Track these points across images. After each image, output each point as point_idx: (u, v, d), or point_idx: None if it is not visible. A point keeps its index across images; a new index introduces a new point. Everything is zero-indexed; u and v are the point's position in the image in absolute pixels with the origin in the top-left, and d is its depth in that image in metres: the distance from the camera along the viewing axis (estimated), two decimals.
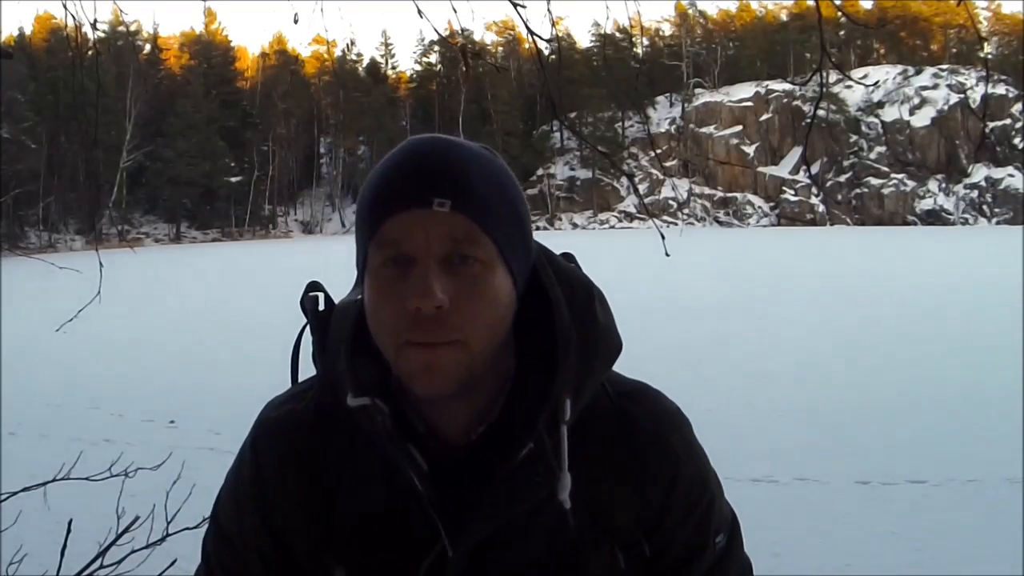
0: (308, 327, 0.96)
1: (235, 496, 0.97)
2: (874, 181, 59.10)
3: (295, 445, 0.94)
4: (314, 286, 0.97)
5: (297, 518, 0.92)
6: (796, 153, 60.14)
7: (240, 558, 0.96)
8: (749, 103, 62.55)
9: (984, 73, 62.97)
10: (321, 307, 0.96)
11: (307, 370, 1.02)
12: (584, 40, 73.12)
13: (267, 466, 0.95)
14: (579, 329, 0.89)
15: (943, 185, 58.65)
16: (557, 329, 0.88)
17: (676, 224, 38.01)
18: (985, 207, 57.37)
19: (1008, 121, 56.20)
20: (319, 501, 0.92)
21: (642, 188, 56.79)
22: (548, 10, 2.06)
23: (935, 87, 60.46)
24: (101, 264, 2.75)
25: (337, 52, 59.13)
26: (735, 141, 62.07)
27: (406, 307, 0.81)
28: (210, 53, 65.34)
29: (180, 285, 23.71)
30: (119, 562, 2.16)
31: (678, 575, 0.95)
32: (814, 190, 58.80)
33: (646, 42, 66.66)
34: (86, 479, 2.28)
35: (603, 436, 0.93)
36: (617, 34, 43.05)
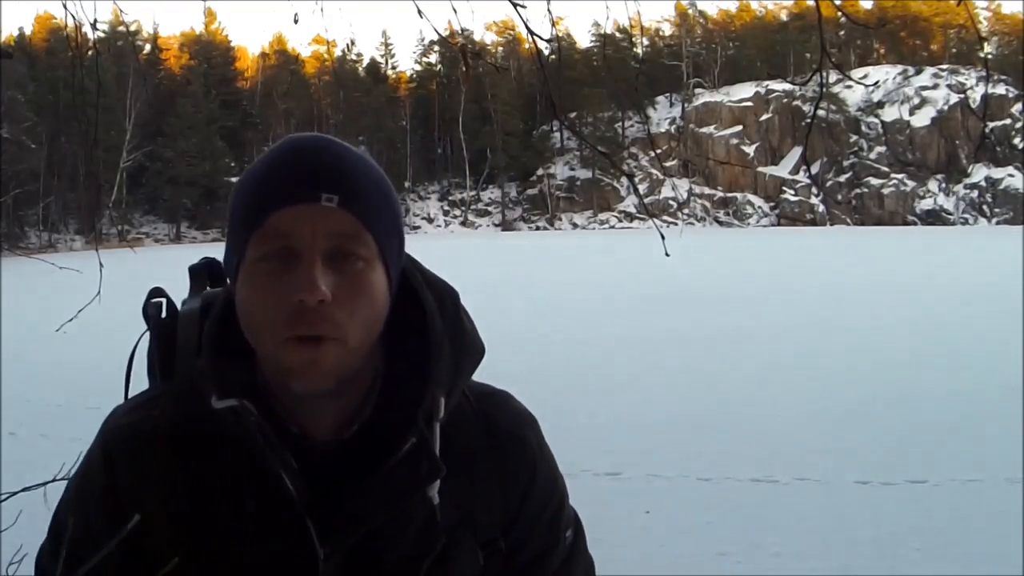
0: (148, 334, 0.99)
1: (83, 512, 0.92)
2: (874, 181, 59.10)
3: (153, 454, 0.90)
4: (157, 292, 1.00)
5: (158, 533, 0.88)
6: (796, 153, 60.13)
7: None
8: (749, 103, 62.55)
9: (984, 73, 62.97)
10: (163, 314, 0.98)
11: (140, 382, 1.03)
12: (584, 40, 73.27)
13: (122, 476, 0.91)
14: (449, 332, 0.92)
15: (943, 185, 58.66)
16: (430, 330, 0.90)
17: (676, 224, 37.99)
18: (985, 207, 57.37)
19: (1008, 121, 56.19)
20: (182, 513, 0.88)
21: (642, 188, 56.79)
22: (548, 10, 2.06)
23: (935, 87, 60.46)
24: (101, 264, 2.75)
25: (337, 52, 59.20)
26: (735, 141, 62.07)
27: (289, 300, 0.81)
28: (210, 53, 65.32)
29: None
30: None
31: (532, 571, 0.97)
32: (814, 190, 58.80)
33: (646, 42, 66.68)
34: None
35: (467, 436, 0.95)
36: (617, 34, 43.05)
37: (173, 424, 0.91)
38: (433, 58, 68.41)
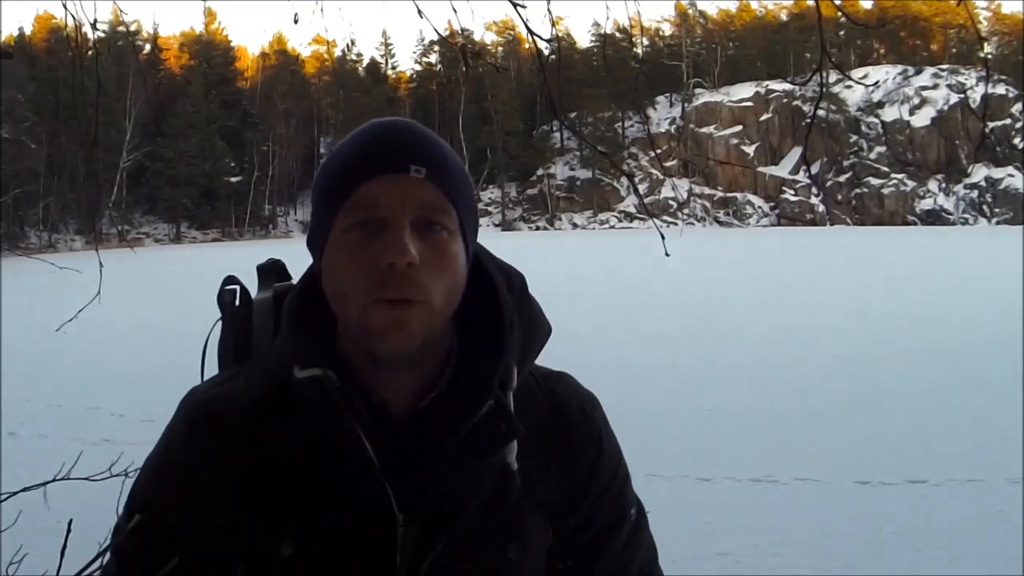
0: (221, 322, 1.03)
1: (160, 488, 0.95)
2: (874, 181, 59.11)
3: (234, 428, 0.93)
4: (231, 280, 1.04)
5: (237, 502, 0.91)
6: (796, 153, 60.15)
7: (164, 552, 0.92)
8: (749, 103, 62.57)
9: (984, 73, 63.02)
10: (237, 302, 1.04)
11: (211, 367, 1.07)
12: (584, 40, 73.29)
13: (204, 451, 0.93)
14: (517, 308, 0.96)
15: (943, 185, 58.67)
16: (502, 304, 0.94)
17: (676, 224, 37.98)
18: (985, 207, 57.38)
19: (1008, 121, 56.20)
20: (261, 482, 0.91)
21: (642, 188, 56.79)
22: (548, 10, 2.06)
23: (935, 87, 60.47)
24: (101, 264, 2.75)
25: (337, 52, 59.21)
26: (735, 141, 62.08)
27: (377, 264, 0.85)
28: (210, 53, 65.33)
29: (180, 285, 23.71)
30: None
31: (599, 547, 1.00)
32: (814, 190, 58.82)
33: (646, 42, 66.70)
34: (86, 479, 2.28)
35: (535, 412, 0.97)
36: (617, 34, 43.06)
37: (253, 396, 0.94)
38: (433, 58, 68.50)
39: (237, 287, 1.05)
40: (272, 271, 1.08)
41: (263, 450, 0.92)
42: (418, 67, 71.03)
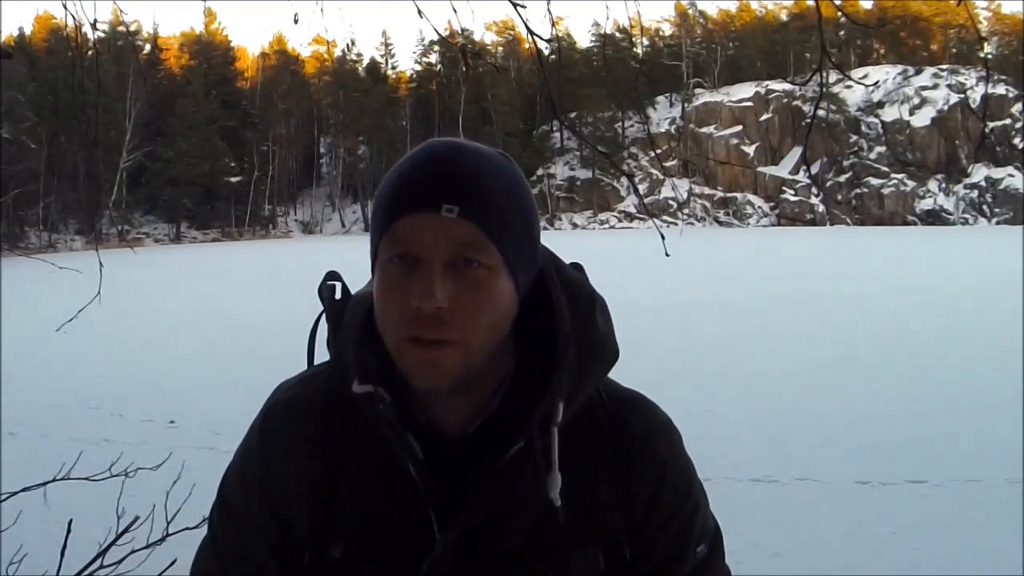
0: (324, 315, 1.01)
1: (241, 475, 1.01)
2: (874, 181, 59.09)
3: (302, 428, 0.97)
4: (332, 275, 1.02)
5: (301, 498, 0.95)
6: (796, 153, 60.12)
7: (244, 535, 0.99)
8: (749, 103, 62.53)
9: (984, 73, 63.00)
10: (337, 296, 1.00)
11: (322, 357, 1.06)
12: (584, 40, 73.19)
13: (274, 447, 0.98)
14: (579, 334, 0.92)
15: (943, 185, 58.66)
16: (558, 333, 0.91)
17: (676, 224, 37.96)
18: (985, 207, 57.36)
19: (1008, 121, 56.18)
20: (322, 483, 0.95)
21: (642, 188, 56.77)
22: (548, 10, 2.06)
23: (935, 87, 60.45)
24: (101, 264, 2.75)
25: (337, 52, 59.16)
26: (735, 141, 62.06)
27: (409, 303, 0.85)
28: (210, 53, 65.30)
29: (180, 285, 23.69)
30: (119, 562, 2.15)
31: None
32: (814, 190, 58.79)
33: (646, 42, 66.68)
34: (86, 479, 2.28)
35: (595, 438, 0.96)
36: (617, 34, 43.08)
37: (323, 400, 0.97)
38: (433, 58, 68.42)
39: (338, 283, 1.02)
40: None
41: (325, 453, 0.95)
42: (418, 67, 71.03)
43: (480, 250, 0.87)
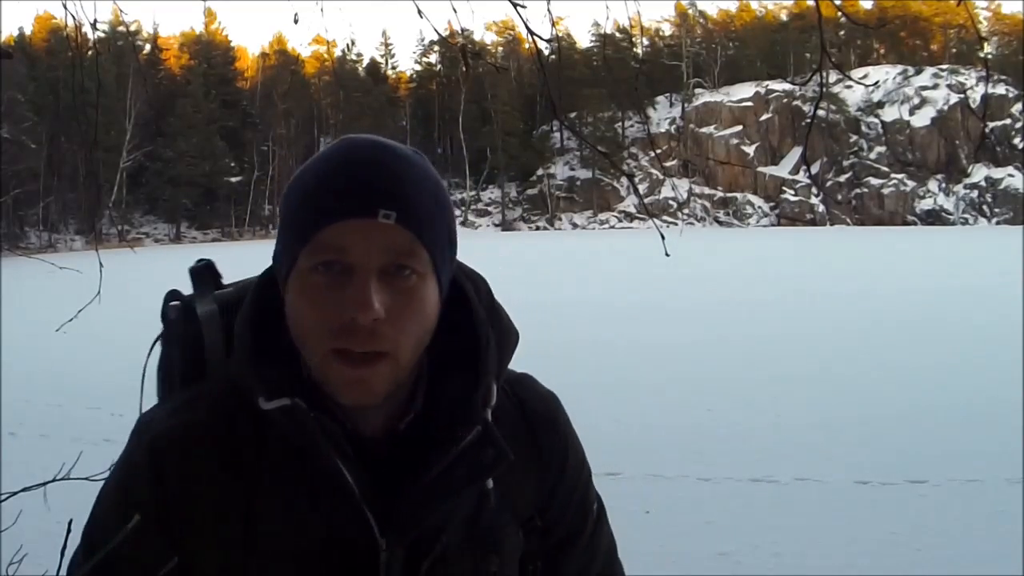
0: (163, 342, 0.97)
1: (124, 516, 0.85)
2: (874, 181, 59.11)
3: (203, 456, 0.87)
4: (175, 295, 0.99)
5: (208, 532, 0.86)
6: (796, 153, 60.14)
7: None
8: (749, 103, 62.56)
9: (984, 73, 63.01)
10: (182, 317, 0.97)
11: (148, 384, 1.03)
12: (584, 40, 73.22)
13: (172, 483, 0.87)
14: (490, 318, 0.94)
15: (943, 185, 58.67)
16: (475, 321, 0.92)
17: (676, 224, 37.93)
18: (985, 207, 57.38)
19: (1008, 121, 56.20)
20: (235, 512, 0.86)
21: (642, 188, 56.79)
22: (548, 10, 2.06)
23: (935, 87, 60.47)
24: (101, 264, 2.75)
25: (337, 52, 59.19)
26: (735, 141, 62.08)
27: (339, 316, 0.81)
28: (210, 53, 65.31)
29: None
30: None
31: (566, 547, 1.01)
32: (814, 190, 58.81)
33: (646, 42, 66.69)
34: (86, 479, 2.27)
35: (508, 419, 0.96)
36: (617, 34, 43.01)
37: (220, 426, 0.89)
38: (433, 58, 68.48)
39: (179, 303, 0.98)
40: (206, 274, 1.01)
41: (232, 480, 0.87)
42: (418, 67, 71.11)
43: (413, 256, 0.84)
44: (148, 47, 62.31)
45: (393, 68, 73.26)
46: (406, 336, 0.83)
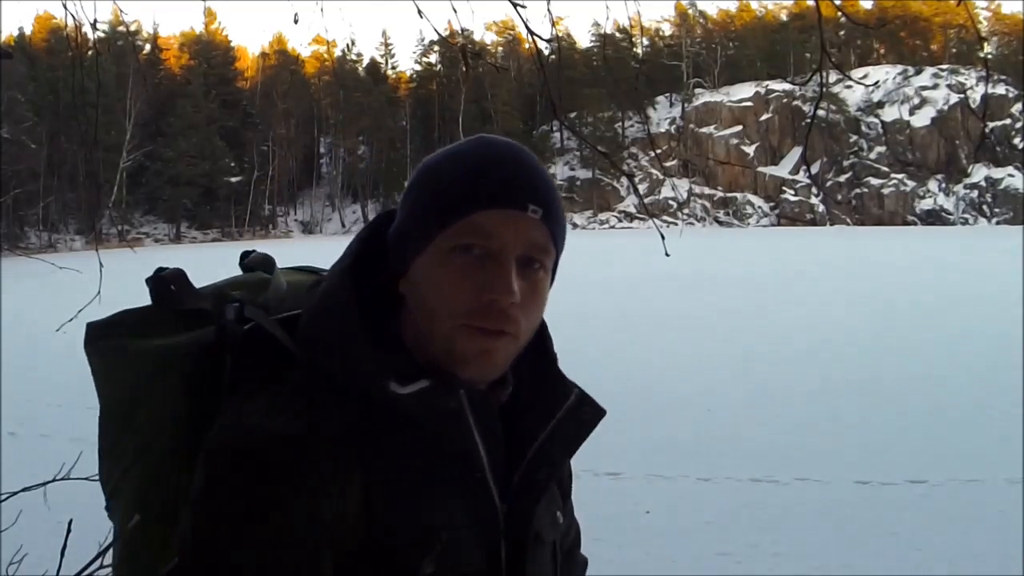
0: (217, 345, 0.91)
1: (283, 510, 0.80)
2: (874, 181, 59.12)
3: (338, 458, 0.83)
4: (225, 296, 0.96)
5: (371, 529, 0.84)
6: (796, 153, 60.14)
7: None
8: (749, 103, 62.57)
9: (984, 73, 63.01)
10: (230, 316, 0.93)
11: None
12: (584, 40, 73.28)
13: (313, 492, 0.81)
14: None
15: (943, 185, 58.68)
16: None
17: (676, 224, 37.91)
18: (985, 207, 57.39)
19: (1008, 121, 56.21)
20: (389, 504, 0.85)
21: (642, 188, 56.78)
22: (548, 10, 2.06)
23: (935, 87, 60.48)
24: (101, 264, 2.75)
25: (337, 52, 59.13)
26: (735, 141, 62.09)
27: (477, 296, 0.86)
28: (210, 53, 65.33)
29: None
30: None
31: (567, 507, 1.09)
32: (814, 190, 58.82)
33: (646, 42, 66.70)
34: (86, 479, 2.27)
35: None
36: (617, 34, 43.00)
37: (346, 419, 0.85)
38: (433, 58, 68.45)
39: (238, 304, 0.94)
40: (183, 281, 0.97)
41: (379, 474, 0.84)
42: (418, 67, 71.07)
43: (546, 252, 0.91)
44: (148, 47, 62.34)
45: (393, 68, 73.32)
46: (527, 322, 0.90)
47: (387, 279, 0.93)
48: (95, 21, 2.42)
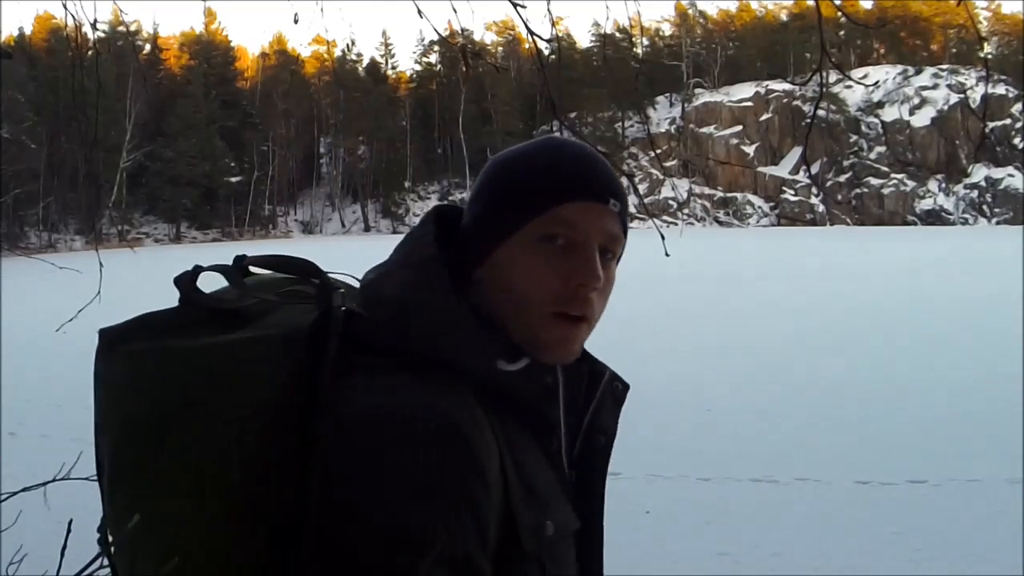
0: (324, 331, 0.89)
1: (468, 502, 0.81)
2: (874, 181, 59.10)
3: (481, 425, 0.86)
4: (330, 288, 0.95)
5: (509, 494, 0.86)
6: (796, 153, 60.13)
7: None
8: (749, 103, 62.55)
9: (984, 73, 62.99)
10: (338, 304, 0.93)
11: None
12: (584, 40, 73.23)
13: (488, 458, 0.84)
14: None
15: (943, 185, 58.66)
16: None
17: (676, 224, 37.95)
18: (985, 207, 57.37)
19: (1008, 121, 56.19)
20: (514, 471, 0.88)
21: (642, 188, 56.73)
22: (548, 10, 2.06)
23: (935, 87, 60.46)
24: (101, 264, 2.75)
25: (337, 52, 59.12)
26: (735, 141, 62.07)
27: (565, 283, 0.92)
28: (210, 53, 65.32)
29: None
30: None
31: None
32: (814, 190, 58.81)
33: (646, 42, 66.69)
34: (86, 479, 2.27)
35: None
36: (617, 34, 42.99)
37: (475, 393, 0.88)
38: (433, 58, 68.43)
39: (339, 291, 0.95)
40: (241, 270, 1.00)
41: (505, 447, 0.88)
42: (418, 67, 71.04)
43: (618, 244, 0.98)
44: (148, 47, 62.32)
45: (393, 68, 73.27)
46: (601, 308, 0.97)
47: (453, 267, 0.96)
48: (95, 21, 2.42)
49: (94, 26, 2.42)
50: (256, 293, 0.96)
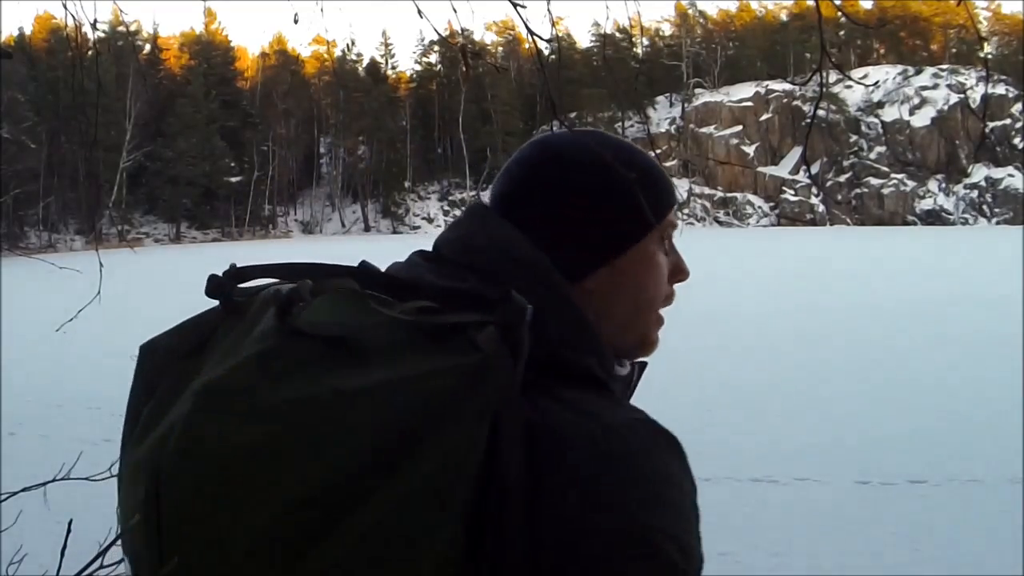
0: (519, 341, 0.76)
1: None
2: (874, 181, 59.11)
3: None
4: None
5: None
6: (796, 153, 60.14)
7: None
8: (749, 103, 62.55)
9: (984, 73, 63.04)
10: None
11: None
12: (584, 40, 73.25)
13: None
14: None
15: (943, 185, 58.67)
16: None
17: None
18: (985, 207, 57.38)
19: (1008, 121, 56.21)
20: None
21: None
22: (548, 10, 2.06)
23: (935, 87, 60.47)
24: (101, 264, 2.75)
25: (337, 52, 59.16)
26: (735, 141, 62.08)
27: (673, 279, 0.98)
28: (210, 53, 65.30)
29: (180, 285, 23.67)
30: (119, 562, 2.14)
31: None
32: (814, 190, 58.81)
33: (646, 42, 66.71)
34: (86, 479, 2.28)
35: None
36: (617, 34, 43.12)
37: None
38: (433, 58, 68.45)
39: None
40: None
41: None
42: (418, 67, 71.04)
43: None
44: (148, 47, 62.34)
45: (393, 68, 73.25)
46: None
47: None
48: (95, 21, 2.42)
49: (94, 26, 2.42)
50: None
